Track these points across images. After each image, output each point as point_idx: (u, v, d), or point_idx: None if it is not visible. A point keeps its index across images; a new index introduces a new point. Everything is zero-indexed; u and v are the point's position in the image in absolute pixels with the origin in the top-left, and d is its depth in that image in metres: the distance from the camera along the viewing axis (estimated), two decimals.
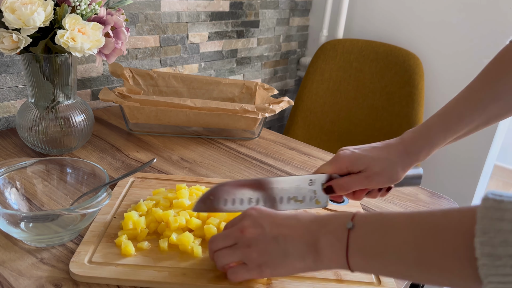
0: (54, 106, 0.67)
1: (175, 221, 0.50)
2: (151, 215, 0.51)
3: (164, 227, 0.50)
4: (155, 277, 0.44)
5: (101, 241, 0.49)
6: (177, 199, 0.54)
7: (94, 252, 0.47)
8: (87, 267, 0.45)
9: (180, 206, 0.53)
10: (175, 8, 1.01)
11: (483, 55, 1.12)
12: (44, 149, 0.69)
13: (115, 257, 0.46)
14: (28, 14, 0.54)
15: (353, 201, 0.61)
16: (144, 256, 0.47)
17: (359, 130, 1.30)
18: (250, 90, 0.91)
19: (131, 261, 0.46)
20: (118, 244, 0.48)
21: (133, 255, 0.47)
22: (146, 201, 0.54)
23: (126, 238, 0.48)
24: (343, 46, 1.30)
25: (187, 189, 0.57)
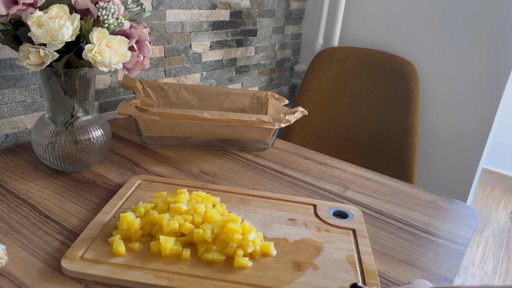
0: (73, 122, 0.65)
1: (168, 225, 0.51)
2: (147, 217, 0.53)
3: (158, 229, 0.51)
4: (139, 277, 0.45)
5: (96, 239, 0.50)
6: (176, 202, 0.55)
7: (87, 249, 0.48)
8: (77, 263, 0.46)
9: (176, 211, 0.54)
10: (179, 18, 1.00)
11: (477, 61, 1.16)
12: (60, 166, 0.66)
13: (106, 255, 0.48)
14: (56, 29, 0.52)
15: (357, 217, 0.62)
16: (134, 256, 0.48)
17: (356, 136, 1.32)
18: (261, 100, 0.91)
19: (121, 260, 0.47)
20: (110, 243, 0.49)
21: (123, 255, 0.48)
22: (145, 204, 0.55)
23: (119, 238, 0.49)
24: (339, 54, 1.32)
25: (187, 194, 0.58)
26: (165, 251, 0.48)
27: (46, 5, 0.55)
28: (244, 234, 0.51)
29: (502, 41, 1.11)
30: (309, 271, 0.49)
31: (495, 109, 1.16)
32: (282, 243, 0.54)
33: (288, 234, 0.56)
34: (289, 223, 0.58)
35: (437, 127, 1.28)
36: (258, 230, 0.56)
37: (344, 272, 0.50)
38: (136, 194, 0.61)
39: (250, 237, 0.51)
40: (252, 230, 0.51)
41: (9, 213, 0.55)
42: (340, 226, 0.59)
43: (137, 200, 0.59)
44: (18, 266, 0.46)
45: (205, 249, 0.49)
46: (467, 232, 0.62)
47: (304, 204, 0.64)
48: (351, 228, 0.58)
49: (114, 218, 0.54)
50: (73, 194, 0.61)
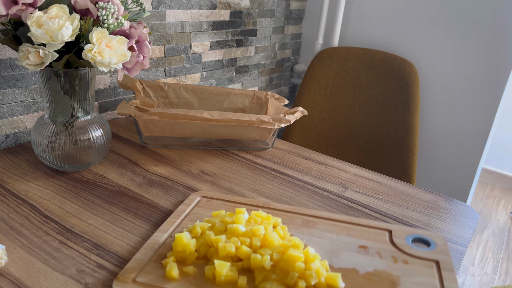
0: (73, 122, 0.65)
1: (224, 248, 0.47)
2: (203, 238, 0.49)
3: (213, 252, 0.48)
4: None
5: (151, 260, 0.47)
6: (235, 223, 0.51)
7: (140, 272, 0.45)
8: (129, 286, 0.43)
9: (234, 232, 0.50)
10: (179, 18, 1.00)
11: (477, 61, 1.16)
12: (60, 166, 0.66)
13: (159, 279, 0.45)
14: (56, 29, 0.52)
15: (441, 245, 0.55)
16: (187, 282, 0.45)
17: (356, 136, 1.32)
18: (261, 100, 0.91)
19: (174, 286, 0.44)
20: (164, 266, 0.46)
21: (177, 279, 0.45)
22: (202, 223, 0.52)
23: (173, 260, 0.47)
24: (339, 54, 1.32)
25: (246, 214, 0.54)
26: (220, 277, 0.45)
27: (45, 5, 0.55)
28: (307, 263, 0.45)
29: (502, 41, 1.11)
30: None
31: (495, 109, 1.16)
32: (351, 274, 0.48)
33: (358, 264, 0.50)
34: (360, 251, 0.52)
35: (437, 127, 1.28)
36: (324, 258, 0.50)
37: None
38: (195, 212, 0.57)
39: (313, 266, 0.45)
40: (317, 258, 0.46)
41: (9, 213, 0.55)
42: (421, 256, 0.52)
43: (195, 219, 0.56)
44: (18, 266, 0.46)
45: (263, 278, 0.45)
46: (467, 232, 0.62)
47: (378, 230, 0.57)
48: (434, 260, 0.51)
49: (171, 238, 0.51)
50: (73, 194, 0.61)
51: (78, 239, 0.52)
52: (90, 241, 0.52)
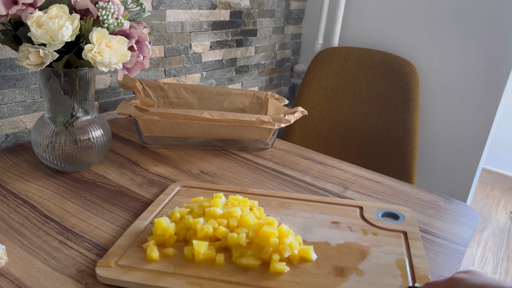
0: (73, 122, 0.65)
1: (202, 229, 0.49)
2: (182, 222, 0.51)
3: (192, 234, 0.50)
4: (172, 284, 0.44)
5: (132, 246, 0.49)
6: (212, 206, 0.54)
7: (121, 256, 0.47)
8: (112, 269, 0.45)
9: (211, 215, 0.52)
10: (179, 18, 1.00)
11: (477, 61, 1.16)
12: (60, 166, 0.66)
13: (140, 262, 0.47)
14: (56, 29, 0.52)
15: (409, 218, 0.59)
16: (168, 262, 0.47)
17: (356, 136, 1.32)
18: (261, 100, 0.91)
19: (155, 267, 0.46)
20: (145, 249, 0.48)
21: (157, 260, 0.47)
22: (180, 209, 0.54)
23: (154, 243, 0.49)
24: (339, 54, 1.32)
25: (224, 198, 0.56)
26: (199, 256, 0.47)
27: (45, 5, 0.55)
28: (280, 238, 0.48)
29: (502, 41, 1.11)
30: (353, 277, 0.46)
31: (495, 109, 1.16)
32: (323, 247, 0.51)
33: (330, 237, 0.53)
34: (332, 226, 0.55)
35: (437, 127, 1.28)
36: (297, 234, 0.53)
37: (392, 277, 0.46)
38: (174, 200, 0.60)
39: (287, 240, 0.48)
40: (290, 233, 0.49)
41: (9, 213, 0.55)
42: (390, 228, 0.55)
43: (175, 206, 0.58)
44: (18, 266, 0.46)
45: (239, 254, 0.47)
46: (467, 232, 0.62)
47: (349, 207, 0.60)
48: (402, 231, 0.55)
49: (151, 224, 0.53)
50: (73, 194, 0.61)
51: (78, 239, 0.52)
52: (90, 241, 0.52)
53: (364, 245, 0.52)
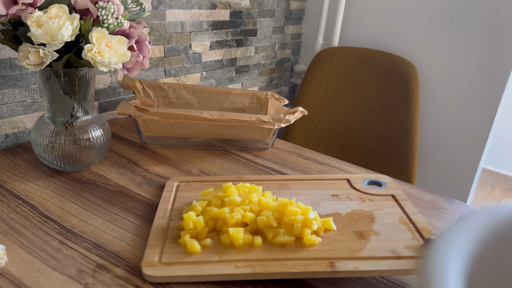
0: (73, 122, 0.65)
1: (232, 217, 0.52)
2: (207, 214, 0.53)
3: (222, 223, 0.52)
4: (225, 270, 0.46)
5: (165, 243, 0.50)
6: (228, 197, 0.56)
7: (161, 254, 0.48)
8: (159, 268, 0.46)
9: (232, 203, 0.55)
10: (179, 18, 1.00)
11: (477, 62, 1.16)
12: (60, 166, 0.66)
13: (182, 256, 0.48)
14: (56, 29, 0.52)
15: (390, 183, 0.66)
16: (209, 252, 0.49)
17: (356, 136, 1.32)
18: (261, 100, 0.91)
19: (198, 258, 0.48)
20: (182, 244, 0.50)
21: (199, 253, 0.49)
22: (198, 202, 0.57)
23: (189, 237, 0.50)
24: (339, 54, 1.32)
25: (234, 187, 0.59)
26: (238, 241, 0.50)
27: (45, 5, 0.54)
28: (304, 214, 0.52)
29: (503, 41, 1.11)
30: (373, 238, 0.52)
31: (495, 109, 1.16)
32: (337, 217, 0.56)
33: (338, 208, 0.59)
34: (334, 199, 0.61)
35: (437, 127, 1.28)
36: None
37: (403, 232, 0.53)
38: (180, 196, 0.61)
39: (310, 216, 0.52)
40: (310, 209, 0.53)
41: (9, 213, 0.55)
42: (380, 194, 0.62)
43: (185, 201, 0.60)
44: (18, 266, 0.46)
45: (273, 234, 0.51)
46: None
47: (338, 180, 0.67)
48: (390, 194, 0.63)
49: (172, 221, 0.55)
50: (72, 194, 0.61)
51: (78, 239, 0.52)
52: (90, 241, 0.52)
53: (367, 210, 0.58)
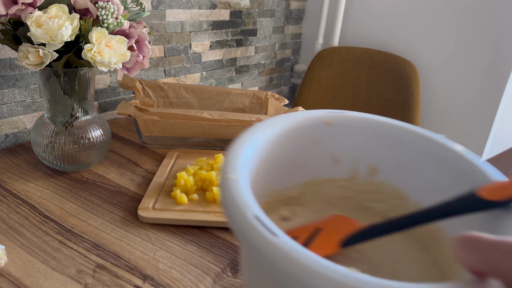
0: (72, 122, 0.65)
1: (218, 179, 0.57)
2: (197, 175, 0.64)
3: (209, 183, 0.62)
4: (204, 217, 0.56)
5: (160, 195, 0.61)
6: (217, 164, 0.66)
7: (155, 202, 0.59)
8: (152, 212, 0.57)
9: None
10: (179, 17, 1.00)
11: (477, 61, 1.16)
12: (60, 166, 0.66)
13: (172, 205, 0.59)
14: (55, 29, 0.52)
15: None
16: (194, 204, 0.60)
17: None
18: (261, 100, 0.91)
19: (185, 208, 0.59)
20: (173, 196, 0.60)
21: (186, 204, 0.59)
22: (192, 166, 0.67)
23: (179, 191, 0.60)
24: (339, 54, 1.32)
25: None
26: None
27: (45, 4, 0.54)
28: None
29: (503, 41, 1.11)
30: None
31: (495, 108, 1.16)
32: None
33: None
34: None
35: (437, 127, 1.28)
36: None
37: None
38: (178, 162, 0.72)
39: None
40: None
41: (9, 213, 0.55)
42: None
43: (181, 166, 0.70)
44: (18, 266, 0.46)
45: None
46: None
47: None
48: None
49: (168, 180, 0.66)
50: (72, 194, 0.61)
51: (78, 239, 0.52)
52: (90, 241, 0.51)
53: None
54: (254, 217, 0.26)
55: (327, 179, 0.42)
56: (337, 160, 0.41)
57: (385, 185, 0.40)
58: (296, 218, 0.41)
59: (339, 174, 0.41)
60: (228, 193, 0.28)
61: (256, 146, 0.35)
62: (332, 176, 0.41)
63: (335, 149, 0.40)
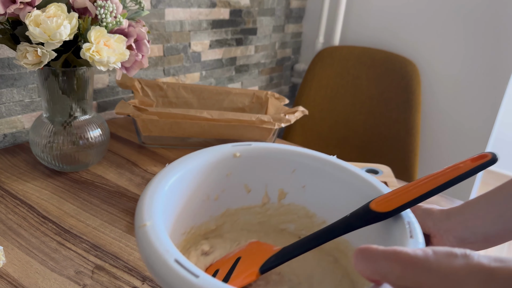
0: (71, 122, 0.64)
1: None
2: None
3: None
4: None
5: None
6: None
7: None
8: None
9: None
10: (179, 16, 0.99)
11: (479, 61, 1.16)
12: (58, 166, 0.66)
13: None
14: (54, 28, 0.52)
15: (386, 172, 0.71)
16: None
17: (356, 136, 1.32)
18: (261, 99, 0.91)
19: None
20: None
21: None
22: None
23: None
24: (340, 53, 1.31)
25: None
26: None
27: (44, 4, 0.54)
28: None
29: (504, 40, 1.10)
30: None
31: (497, 108, 1.16)
32: None
33: None
34: None
35: (438, 127, 1.28)
36: None
37: None
38: None
39: None
40: None
41: (7, 214, 0.55)
42: None
43: None
44: (16, 267, 0.46)
45: None
46: None
47: None
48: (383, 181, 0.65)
49: None
50: (71, 195, 0.61)
51: (76, 240, 0.51)
52: (89, 242, 0.51)
53: None
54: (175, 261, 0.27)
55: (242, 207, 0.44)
56: (249, 189, 0.43)
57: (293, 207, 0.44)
58: (216, 250, 0.44)
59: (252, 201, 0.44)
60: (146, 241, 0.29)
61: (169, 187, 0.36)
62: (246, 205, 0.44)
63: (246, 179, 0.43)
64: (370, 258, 0.25)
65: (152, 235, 0.29)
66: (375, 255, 0.25)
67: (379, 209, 0.33)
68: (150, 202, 0.33)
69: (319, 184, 0.42)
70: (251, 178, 0.43)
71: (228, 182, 0.43)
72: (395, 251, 0.24)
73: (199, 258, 0.42)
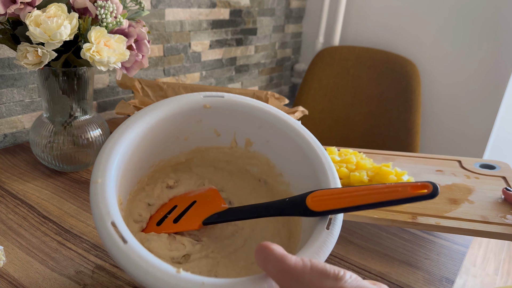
0: (71, 122, 0.64)
1: None
2: None
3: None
4: None
5: None
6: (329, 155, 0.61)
7: None
8: None
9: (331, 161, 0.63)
10: (179, 17, 0.99)
11: (478, 61, 1.16)
12: (58, 166, 0.66)
13: None
14: (54, 28, 0.52)
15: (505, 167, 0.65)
16: None
17: (356, 136, 1.32)
18: (261, 99, 0.90)
19: None
20: None
21: None
22: None
23: None
24: (340, 53, 1.31)
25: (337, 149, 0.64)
26: None
27: (44, 4, 0.54)
28: (398, 176, 0.54)
29: (504, 40, 1.10)
30: (466, 205, 0.52)
31: (497, 108, 1.16)
32: None
33: (438, 180, 0.59)
34: (437, 173, 0.62)
35: (438, 127, 1.28)
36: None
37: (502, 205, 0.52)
38: None
39: (404, 178, 0.54)
40: (405, 173, 0.55)
41: (7, 214, 0.55)
42: (490, 174, 0.61)
43: None
44: (16, 267, 0.46)
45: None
46: None
47: (448, 160, 0.68)
48: (502, 176, 0.61)
49: None
50: (71, 195, 0.61)
51: (77, 240, 0.51)
52: (89, 242, 0.51)
53: (469, 185, 0.58)
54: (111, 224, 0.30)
55: (212, 147, 0.48)
56: (218, 133, 0.46)
57: (258, 155, 0.47)
58: (181, 185, 0.48)
59: (221, 143, 0.47)
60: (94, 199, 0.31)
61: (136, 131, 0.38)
62: (216, 145, 0.47)
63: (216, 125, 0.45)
64: (264, 258, 0.28)
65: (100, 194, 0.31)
66: (268, 256, 0.28)
67: (312, 207, 0.35)
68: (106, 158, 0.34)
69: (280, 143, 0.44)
70: (220, 125, 0.46)
71: (198, 126, 0.45)
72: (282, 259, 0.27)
73: (163, 190, 0.46)
